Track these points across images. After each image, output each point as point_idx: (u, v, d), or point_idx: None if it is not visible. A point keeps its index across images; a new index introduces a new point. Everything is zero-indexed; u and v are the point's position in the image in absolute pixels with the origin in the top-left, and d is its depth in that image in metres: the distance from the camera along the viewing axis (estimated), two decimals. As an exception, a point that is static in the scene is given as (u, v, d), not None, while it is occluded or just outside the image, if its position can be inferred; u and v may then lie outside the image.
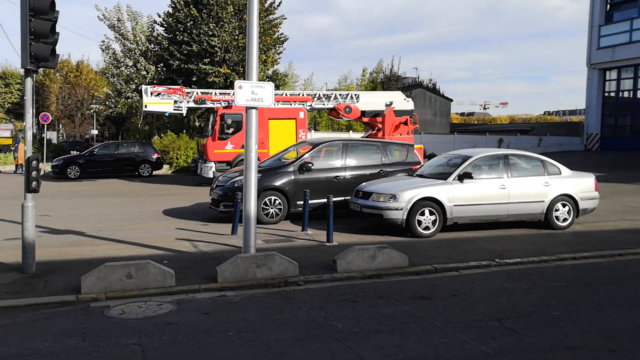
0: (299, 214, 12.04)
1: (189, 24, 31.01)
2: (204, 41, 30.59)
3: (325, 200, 10.69)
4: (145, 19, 34.71)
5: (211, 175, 20.83)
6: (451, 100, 56.09)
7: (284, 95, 23.58)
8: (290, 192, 12.45)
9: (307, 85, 41.16)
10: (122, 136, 39.94)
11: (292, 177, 12.56)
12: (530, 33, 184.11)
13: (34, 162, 8.23)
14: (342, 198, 12.18)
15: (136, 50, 34.49)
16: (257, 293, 7.42)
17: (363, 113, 23.58)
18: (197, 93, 22.19)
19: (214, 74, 30.72)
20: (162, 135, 32.03)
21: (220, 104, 21.79)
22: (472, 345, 5.50)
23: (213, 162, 21.05)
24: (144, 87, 22.06)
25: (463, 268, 8.67)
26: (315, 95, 23.78)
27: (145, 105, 21.67)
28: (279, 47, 34.29)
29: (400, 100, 24.02)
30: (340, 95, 23.80)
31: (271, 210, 12.32)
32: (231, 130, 21.16)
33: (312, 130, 34.71)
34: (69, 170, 25.73)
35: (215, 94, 22.54)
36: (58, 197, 17.91)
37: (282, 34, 34.10)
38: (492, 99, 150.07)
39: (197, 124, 35.82)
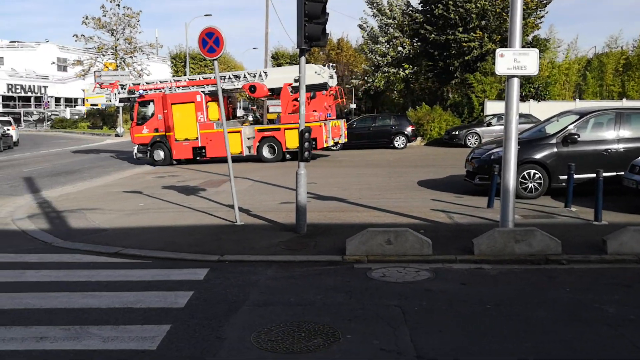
0: (561, 190, 11.26)
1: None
2: (460, 9, 30.03)
3: (592, 175, 9.80)
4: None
5: (133, 157, 23.77)
6: None
7: (197, 79, 24.27)
8: (552, 166, 11.66)
9: (569, 49, 37.59)
10: (378, 109, 41.55)
11: (555, 150, 11.73)
12: None
13: (306, 135, 9.08)
14: (613, 173, 10.99)
15: (392, 25, 35.37)
16: (515, 268, 7.21)
17: (272, 91, 22.68)
18: (129, 84, 25.09)
19: (468, 42, 30.04)
20: (417, 107, 32.41)
21: (148, 92, 24.10)
22: None
23: (136, 145, 23.54)
24: (87, 86, 29.22)
25: None
26: (225, 77, 23.61)
27: (87, 100, 28.76)
28: (540, 10, 32.00)
29: (310, 74, 20.86)
30: (249, 74, 23.33)
31: (530, 185, 11.72)
32: (145, 116, 23.27)
33: (577, 99, 31.72)
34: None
35: (143, 84, 25.16)
36: (320, 167, 19.54)
37: (545, -4, 31.71)
38: None
39: (450, 95, 35.54)
